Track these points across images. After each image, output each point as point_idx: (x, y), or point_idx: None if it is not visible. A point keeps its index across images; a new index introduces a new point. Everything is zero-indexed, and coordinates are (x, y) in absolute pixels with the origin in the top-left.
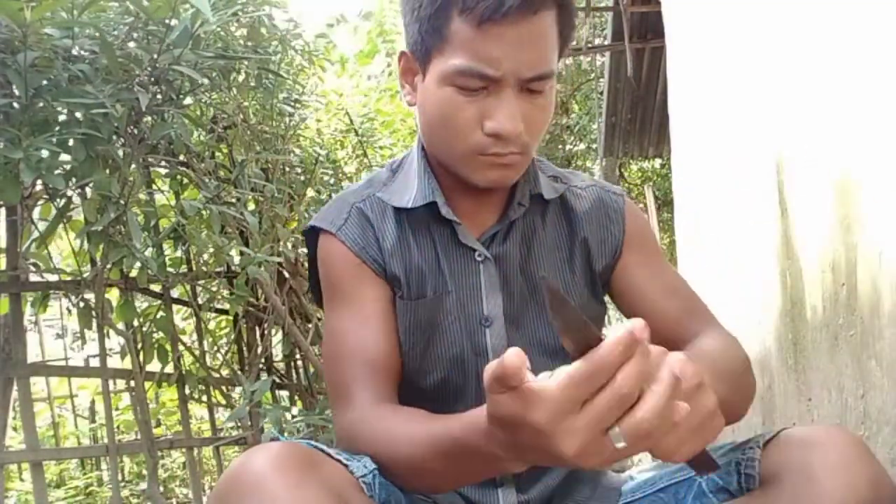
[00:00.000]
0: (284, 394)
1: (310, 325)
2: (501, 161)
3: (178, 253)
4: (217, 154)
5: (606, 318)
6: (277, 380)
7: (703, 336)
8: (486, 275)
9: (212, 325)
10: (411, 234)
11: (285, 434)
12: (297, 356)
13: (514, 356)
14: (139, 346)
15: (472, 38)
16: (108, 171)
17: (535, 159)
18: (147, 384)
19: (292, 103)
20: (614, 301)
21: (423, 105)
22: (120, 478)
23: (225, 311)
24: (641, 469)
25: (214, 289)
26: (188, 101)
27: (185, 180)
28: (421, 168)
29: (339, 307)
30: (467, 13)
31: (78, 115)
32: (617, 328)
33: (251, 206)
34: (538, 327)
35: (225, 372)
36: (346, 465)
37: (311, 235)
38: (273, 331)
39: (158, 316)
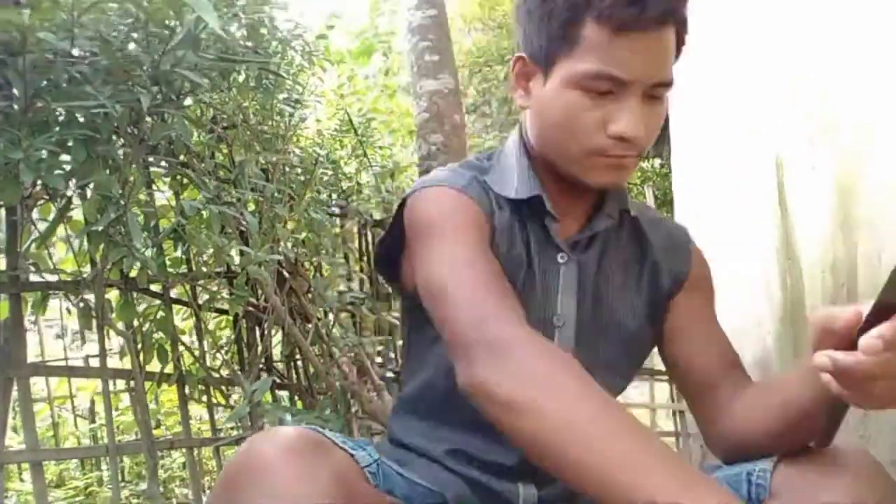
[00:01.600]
0: (284, 394)
1: (309, 326)
2: (620, 163)
3: (178, 253)
4: (217, 154)
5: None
6: (277, 380)
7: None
8: (566, 277)
9: (212, 326)
10: (513, 222)
11: None
12: (297, 356)
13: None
14: (139, 346)
15: (607, 44)
16: (108, 171)
17: None
18: (147, 384)
19: (292, 103)
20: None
21: (542, 107)
22: (120, 478)
23: (225, 311)
24: None
25: (214, 289)
26: (188, 101)
27: (185, 180)
28: (523, 165)
29: (459, 240)
30: (605, 20)
31: (78, 115)
32: None
33: (251, 207)
34: (599, 339)
35: (225, 372)
36: (351, 454)
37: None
38: (273, 331)
39: (158, 316)
